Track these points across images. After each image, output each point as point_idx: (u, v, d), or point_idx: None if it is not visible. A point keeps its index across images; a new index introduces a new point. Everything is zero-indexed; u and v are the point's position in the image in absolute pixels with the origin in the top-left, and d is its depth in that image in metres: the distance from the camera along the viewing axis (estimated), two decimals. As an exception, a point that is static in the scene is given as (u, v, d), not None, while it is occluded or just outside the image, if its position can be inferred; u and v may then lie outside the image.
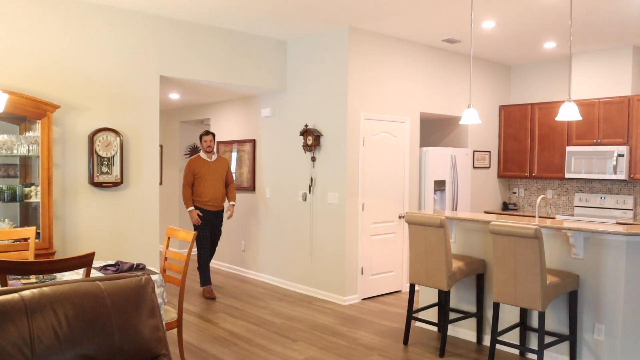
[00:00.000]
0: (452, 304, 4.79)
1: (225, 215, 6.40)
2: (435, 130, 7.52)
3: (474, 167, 7.24)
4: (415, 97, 6.44)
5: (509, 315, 4.37)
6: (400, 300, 5.94)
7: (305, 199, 6.23)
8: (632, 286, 3.74)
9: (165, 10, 5.15)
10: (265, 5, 4.98)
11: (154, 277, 3.41)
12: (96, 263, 3.85)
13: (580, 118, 4.19)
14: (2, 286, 2.74)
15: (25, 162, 4.79)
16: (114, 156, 5.01)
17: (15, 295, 1.95)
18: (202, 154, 6.13)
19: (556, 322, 4.10)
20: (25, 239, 4.06)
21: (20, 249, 3.91)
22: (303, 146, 6.13)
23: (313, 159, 6.09)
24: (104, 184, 4.95)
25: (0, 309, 1.87)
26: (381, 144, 6.07)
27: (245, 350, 4.37)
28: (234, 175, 7.36)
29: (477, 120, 4.52)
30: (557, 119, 4.24)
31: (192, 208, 6.00)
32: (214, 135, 6.21)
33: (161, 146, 9.04)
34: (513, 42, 6.32)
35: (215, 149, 6.41)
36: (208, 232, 6.12)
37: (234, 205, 6.30)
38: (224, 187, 6.25)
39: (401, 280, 6.37)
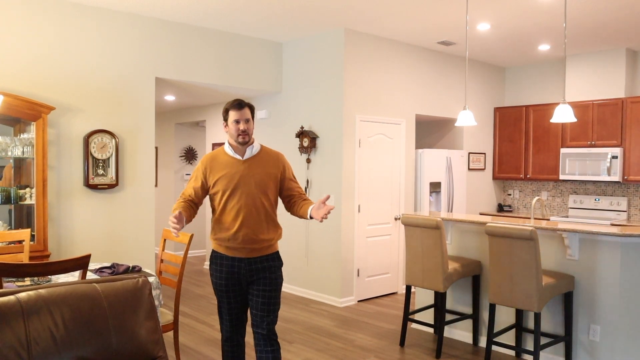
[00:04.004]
0: (448, 305, 4.80)
1: (319, 213, 2.91)
2: (431, 132, 7.53)
3: (469, 168, 7.26)
4: (411, 99, 6.45)
5: (505, 317, 4.38)
6: (396, 302, 5.94)
7: (301, 201, 6.21)
8: (627, 287, 3.76)
9: (160, 12, 5.14)
10: (260, 7, 4.99)
11: (150, 279, 3.39)
12: (91, 265, 3.82)
13: (574, 120, 4.21)
14: (-3, 288, 2.72)
15: (20, 164, 4.76)
16: (109, 158, 4.99)
17: (12, 297, 1.94)
18: (227, 146, 3.09)
19: (552, 323, 4.11)
20: (20, 242, 4.04)
21: (14, 252, 3.89)
22: (299, 148, 6.13)
23: (309, 160, 6.09)
24: (99, 186, 4.93)
25: (-4, 311, 1.86)
26: (377, 146, 6.07)
27: (242, 352, 4.36)
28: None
29: (473, 122, 4.53)
30: (551, 120, 4.26)
31: (175, 213, 2.98)
32: (251, 108, 3.08)
33: (156, 148, 9.02)
34: (508, 44, 6.35)
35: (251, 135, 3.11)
36: (232, 294, 3.07)
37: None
38: (268, 208, 3.05)
39: (397, 282, 6.37)
